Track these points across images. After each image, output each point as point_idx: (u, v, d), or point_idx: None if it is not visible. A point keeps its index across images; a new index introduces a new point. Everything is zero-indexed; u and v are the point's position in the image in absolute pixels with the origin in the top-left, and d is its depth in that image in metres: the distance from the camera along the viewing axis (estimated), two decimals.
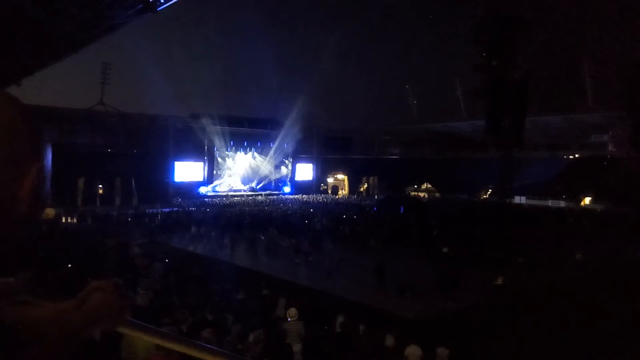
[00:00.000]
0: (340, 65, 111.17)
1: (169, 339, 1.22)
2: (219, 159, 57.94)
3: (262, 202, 51.07)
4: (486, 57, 29.54)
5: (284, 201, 52.66)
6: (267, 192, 60.29)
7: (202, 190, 55.16)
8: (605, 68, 54.70)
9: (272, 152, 61.68)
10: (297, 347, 9.47)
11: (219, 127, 55.42)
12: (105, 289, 1.01)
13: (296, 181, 64.12)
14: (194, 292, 13.55)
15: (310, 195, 59.21)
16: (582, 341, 12.53)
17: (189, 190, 52.65)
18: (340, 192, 67.83)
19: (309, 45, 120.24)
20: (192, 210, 40.46)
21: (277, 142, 61.29)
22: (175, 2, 16.78)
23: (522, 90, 29.89)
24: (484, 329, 13.60)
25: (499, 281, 18.23)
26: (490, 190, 54.18)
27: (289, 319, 10.46)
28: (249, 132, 59.70)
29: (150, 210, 37.47)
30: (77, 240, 22.45)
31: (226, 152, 58.58)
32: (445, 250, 23.76)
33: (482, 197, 55.57)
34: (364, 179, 68.48)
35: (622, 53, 52.87)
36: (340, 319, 12.41)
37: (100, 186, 44.17)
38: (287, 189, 62.51)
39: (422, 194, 63.61)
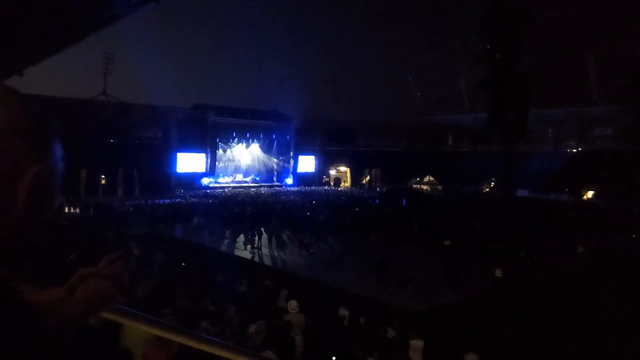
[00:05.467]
0: (343, 57, 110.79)
1: (169, 330, 1.21)
2: (221, 151, 57.95)
3: (264, 193, 51.09)
4: (490, 50, 29.36)
5: (286, 193, 52.68)
6: (269, 183, 60.29)
7: (205, 181, 55.19)
8: (609, 61, 54.39)
9: (274, 143, 61.70)
10: (298, 339, 9.50)
11: (221, 118, 55.42)
12: (95, 276, 1.00)
13: (298, 173, 64.03)
14: (196, 282, 13.59)
15: (313, 187, 59.25)
16: (581, 335, 12.53)
17: (191, 181, 52.67)
18: (342, 184, 67.81)
19: (311, 36, 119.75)
20: (194, 201, 40.51)
21: (279, 134, 61.30)
22: None
23: (526, 83, 29.68)
24: (484, 322, 13.61)
25: (499, 274, 18.21)
26: (492, 183, 54.15)
27: (290, 311, 10.50)
28: (252, 123, 59.60)
29: (152, 201, 37.50)
30: (79, 231, 22.51)
31: (229, 144, 58.61)
32: (447, 243, 23.74)
33: (484, 190, 55.56)
34: (367, 171, 68.45)
35: (627, 46, 52.55)
36: (342, 310, 12.44)
37: (103, 177, 44.20)
38: (289, 181, 62.48)
39: (424, 187, 63.60)
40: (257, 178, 61.01)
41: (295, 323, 10.01)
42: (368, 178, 68.29)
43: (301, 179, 62.99)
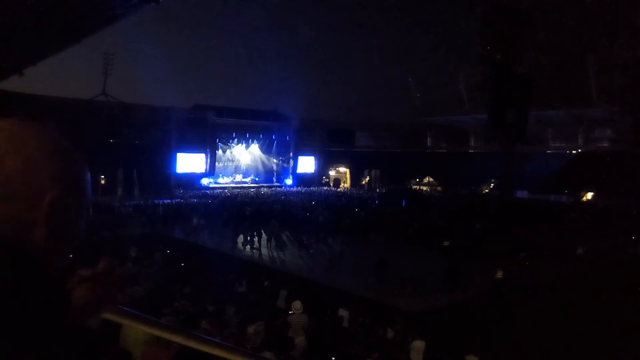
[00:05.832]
0: (344, 57, 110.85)
1: (168, 330, 1.21)
2: (221, 151, 57.96)
3: (263, 194, 51.07)
4: (490, 51, 29.36)
5: (286, 193, 52.64)
6: (269, 184, 60.25)
7: (204, 181, 55.16)
8: (609, 62, 54.37)
9: (274, 144, 61.70)
10: (300, 340, 9.49)
11: (221, 118, 55.43)
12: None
13: (298, 174, 63.97)
14: (195, 283, 13.58)
15: (312, 188, 59.18)
16: (581, 335, 12.53)
17: (190, 181, 52.65)
18: (342, 185, 67.75)
19: (312, 37, 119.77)
20: (193, 201, 40.47)
21: (279, 134, 61.28)
22: None
23: (526, 84, 29.74)
24: (484, 323, 13.62)
25: (499, 275, 18.21)
26: (492, 184, 54.11)
27: (293, 312, 10.46)
28: (251, 124, 59.59)
29: (152, 201, 37.46)
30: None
31: (228, 144, 58.64)
32: (446, 243, 23.73)
33: (483, 191, 55.54)
34: (366, 172, 68.39)
35: (627, 48, 52.55)
36: (341, 311, 12.43)
37: (102, 177, 44.16)
38: (289, 182, 62.43)
39: (424, 188, 63.55)
40: (257, 178, 61.02)
41: (299, 323, 10.00)
42: (368, 179, 68.23)
43: (301, 179, 62.93)
